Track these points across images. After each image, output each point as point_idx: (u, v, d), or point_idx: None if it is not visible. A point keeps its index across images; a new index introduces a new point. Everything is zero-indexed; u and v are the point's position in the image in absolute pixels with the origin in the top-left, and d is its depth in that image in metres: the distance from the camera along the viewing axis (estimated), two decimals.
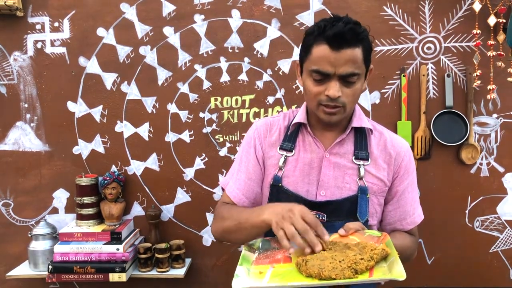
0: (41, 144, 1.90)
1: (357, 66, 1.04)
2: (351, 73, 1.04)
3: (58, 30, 1.86)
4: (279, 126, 1.22)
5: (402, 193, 1.19)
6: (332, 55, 1.03)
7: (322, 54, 1.04)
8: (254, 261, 1.01)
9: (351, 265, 0.88)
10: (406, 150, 1.20)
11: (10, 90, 1.89)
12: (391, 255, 0.92)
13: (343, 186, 1.14)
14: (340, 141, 1.16)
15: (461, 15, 1.74)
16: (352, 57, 1.03)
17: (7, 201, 1.93)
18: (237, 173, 1.23)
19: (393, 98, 1.79)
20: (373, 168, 1.15)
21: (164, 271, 1.77)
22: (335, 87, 1.04)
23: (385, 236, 0.99)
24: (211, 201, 1.88)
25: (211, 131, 1.86)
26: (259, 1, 1.80)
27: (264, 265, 0.98)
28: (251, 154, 1.22)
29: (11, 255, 1.92)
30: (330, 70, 1.03)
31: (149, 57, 1.85)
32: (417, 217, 1.23)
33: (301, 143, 1.19)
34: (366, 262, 0.89)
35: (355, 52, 1.03)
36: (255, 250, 1.06)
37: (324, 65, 1.04)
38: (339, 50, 1.02)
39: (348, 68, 1.03)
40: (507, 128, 1.77)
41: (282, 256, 1.01)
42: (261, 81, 1.83)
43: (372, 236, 1.01)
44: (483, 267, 1.81)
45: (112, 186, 1.81)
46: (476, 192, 1.79)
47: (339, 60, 1.02)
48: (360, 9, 1.76)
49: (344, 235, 1.02)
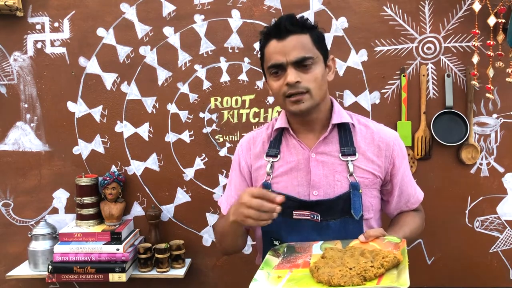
0: (41, 144, 1.90)
1: (307, 50, 1.09)
2: (302, 57, 1.08)
3: (58, 30, 1.86)
4: (262, 137, 1.25)
5: (402, 180, 1.22)
6: (279, 45, 1.09)
7: (272, 49, 1.11)
8: (276, 265, 1.03)
9: (360, 272, 0.89)
10: (394, 139, 1.20)
11: (10, 90, 1.89)
12: (402, 263, 0.92)
13: (335, 184, 1.14)
14: (323, 139, 1.17)
15: (461, 15, 1.74)
16: (299, 43, 1.09)
17: (7, 201, 1.93)
18: (229, 190, 1.31)
19: (393, 98, 1.79)
20: (362, 162, 1.16)
21: (164, 271, 1.77)
22: (291, 73, 1.08)
23: (403, 243, 1.00)
24: (211, 201, 1.88)
25: (211, 131, 1.86)
26: (259, 1, 1.80)
27: (283, 269, 1.00)
28: (237, 172, 1.28)
29: (11, 255, 1.92)
30: (281, 59, 1.09)
31: (149, 57, 1.85)
32: (419, 195, 1.29)
33: (285, 147, 1.20)
34: (375, 270, 0.90)
35: (302, 38, 1.09)
36: (280, 255, 1.08)
37: (275, 56, 1.09)
38: (285, 39, 1.08)
39: (297, 53, 1.08)
40: (507, 128, 1.77)
41: (302, 261, 1.03)
42: (261, 81, 1.83)
43: (391, 242, 1.02)
44: (483, 267, 1.81)
45: (112, 186, 1.81)
46: (476, 192, 1.79)
47: (287, 47, 1.08)
48: (360, 9, 1.76)
49: (364, 242, 1.03)
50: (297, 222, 1.14)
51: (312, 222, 1.14)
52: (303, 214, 1.14)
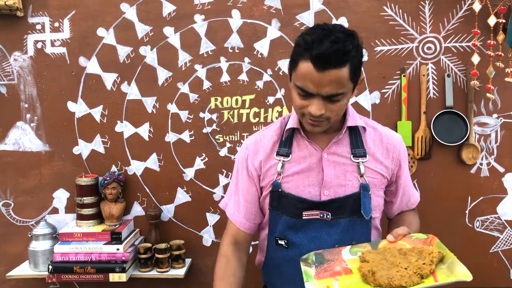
0: (41, 144, 1.90)
1: (342, 86, 1.02)
2: (335, 94, 1.02)
3: (58, 30, 1.86)
4: (272, 136, 1.23)
5: (404, 181, 1.26)
6: (316, 75, 1.00)
7: (306, 73, 1.01)
8: (315, 275, 1.00)
9: (416, 271, 0.89)
10: (400, 142, 1.24)
11: (10, 90, 1.89)
12: (448, 257, 0.93)
13: (346, 184, 1.15)
14: (336, 141, 1.18)
15: (461, 15, 1.74)
16: (336, 78, 1.00)
17: (7, 201, 1.93)
18: (235, 195, 1.28)
19: (393, 98, 1.79)
20: (371, 164, 1.18)
21: (164, 271, 1.77)
22: (318, 105, 1.03)
23: (433, 238, 1.00)
24: (211, 201, 1.88)
25: (211, 131, 1.86)
26: (259, 1, 1.80)
27: (326, 278, 0.98)
28: (245, 175, 1.25)
29: (11, 255, 1.92)
30: (313, 90, 1.02)
31: (149, 57, 1.85)
32: (417, 195, 1.34)
33: (297, 147, 1.20)
34: (428, 267, 0.90)
35: (340, 72, 1.00)
36: (311, 265, 1.05)
37: (308, 84, 1.02)
38: (323, 71, 0.99)
39: (331, 89, 1.01)
40: (507, 128, 1.77)
41: (341, 268, 1.01)
42: (261, 81, 1.83)
43: (419, 239, 1.02)
44: (483, 267, 1.81)
45: (112, 186, 1.81)
46: (476, 192, 1.79)
47: (322, 81, 1.00)
48: (360, 9, 1.76)
49: (393, 241, 1.04)
50: (306, 222, 1.15)
51: (321, 220, 1.15)
52: (313, 214, 1.15)
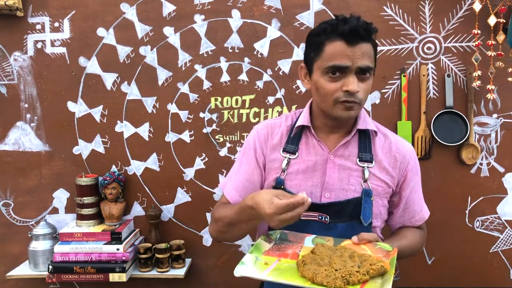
0: (41, 144, 1.90)
1: (371, 60, 1.08)
2: (368, 66, 1.06)
3: (58, 30, 1.86)
4: (281, 128, 1.21)
5: (409, 195, 1.21)
6: (349, 50, 1.04)
7: (338, 50, 1.05)
8: (266, 251, 1.02)
9: (345, 275, 0.89)
10: (411, 153, 1.20)
11: (10, 90, 1.89)
12: (388, 273, 0.92)
13: (348, 188, 1.13)
14: (345, 143, 1.16)
15: (461, 15, 1.74)
16: (367, 51, 1.06)
17: (7, 201, 1.93)
18: (236, 175, 1.23)
19: (393, 98, 1.79)
20: (377, 170, 1.16)
21: (164, 271, 1.77)
22: (354, 81, 1.05)
23: (394, 252, 1.00)
24: (211, 201, 1.88)
25: (211, 131, 1.86)
26: (259, 1, 1.80)
27: (272, 257, 1.00)
28: (252, 157, 1.21)
29: (11, 255, 1.92)
30: (348, 63, 1.04)
31: (149, 57, 1.85)
32: (424, 213, 1.27)
33: (305, 145, 1.18)
34: (360, 276, 0.90)
35: (369, 46, 1.07)
36: (272, 241, 1.07)
37: (342, 59, 1.04)
38: (355, 45, 1.04)
39: (365, 61, 1.05)
40: (507, 128, 1.77)
41: (292, 251, 1.03)
42: (261, 81, 1.83)
43: (383, 249, 1.02)
44: (483, 267, 1.81)
45: (112, 186, 1.81)
46: (476, 192, 1.79)
47: (356, 54, 1.04)
48: (360, 9, 1.76)
49: (356, 243, 1.03)
50: (303, 222, 1.13)
51: (319, 223, 1.13)
52: (311, 215, 1.13)
